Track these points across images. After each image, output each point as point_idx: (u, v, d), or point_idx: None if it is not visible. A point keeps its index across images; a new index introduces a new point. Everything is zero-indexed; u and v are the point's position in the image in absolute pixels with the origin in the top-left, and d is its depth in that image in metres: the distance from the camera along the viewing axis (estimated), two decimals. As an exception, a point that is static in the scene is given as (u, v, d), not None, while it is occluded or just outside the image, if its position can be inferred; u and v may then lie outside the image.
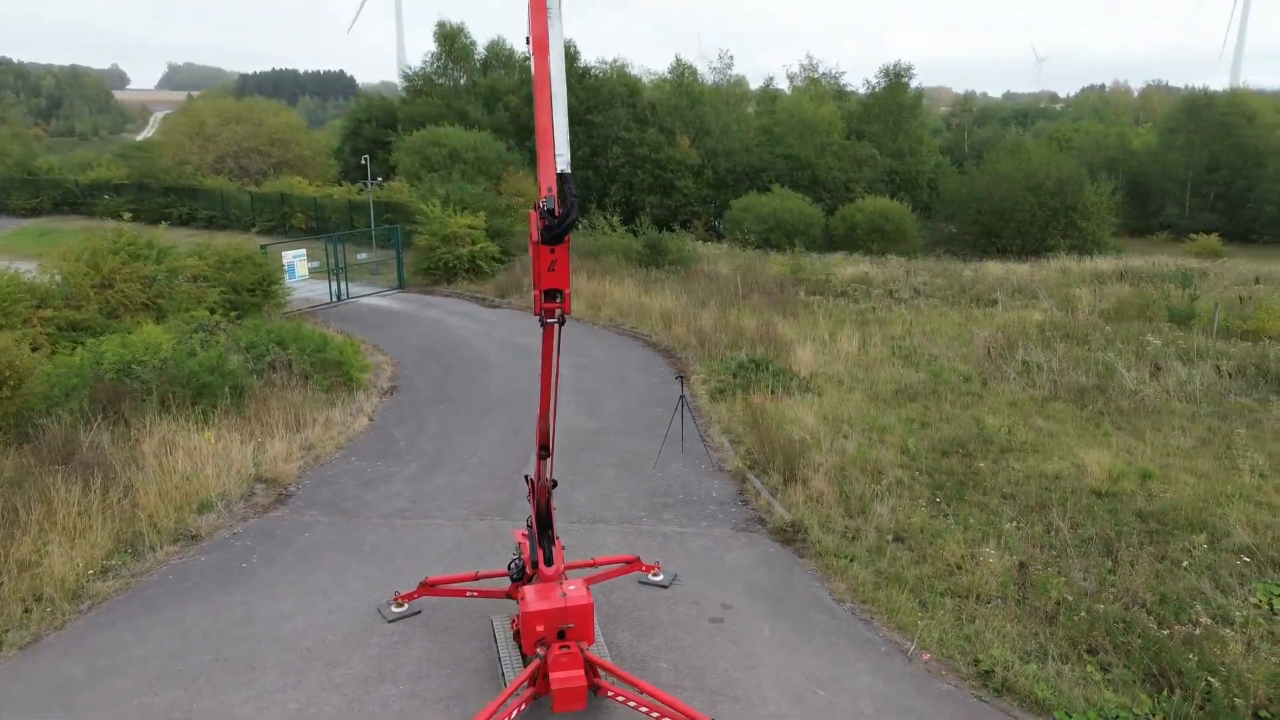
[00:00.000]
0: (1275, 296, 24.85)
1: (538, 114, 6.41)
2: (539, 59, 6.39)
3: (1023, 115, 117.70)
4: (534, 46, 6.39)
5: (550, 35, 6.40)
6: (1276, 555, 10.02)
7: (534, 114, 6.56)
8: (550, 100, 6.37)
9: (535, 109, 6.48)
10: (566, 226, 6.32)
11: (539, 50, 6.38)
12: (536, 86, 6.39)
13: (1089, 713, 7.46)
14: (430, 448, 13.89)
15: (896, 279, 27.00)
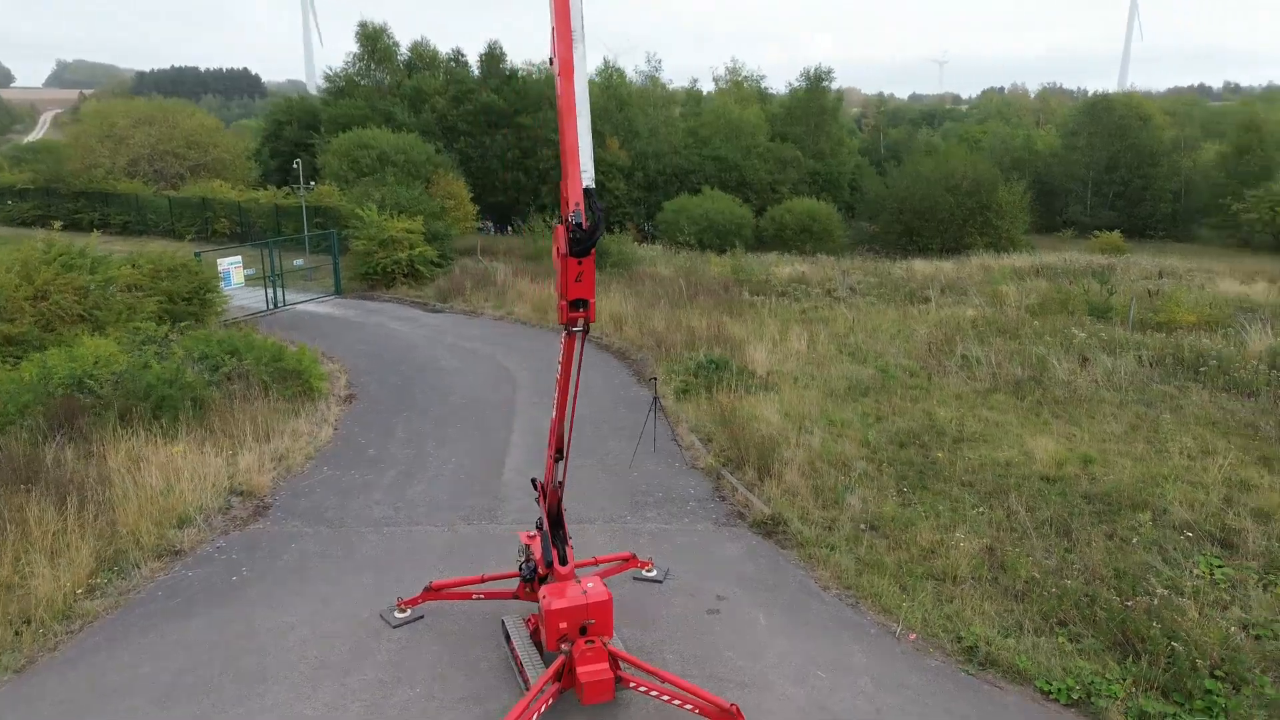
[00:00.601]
0: (1181, 291, 26.61)
1: (564, 133, 6.68)
2: (565, 81, 6.66)
3: (930, 116, 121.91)
4: (560, 69, 6.66)
5: (575, 57, 6.68)
6: (1212, 530, 10.94)
7: (560, 132, 6.83)
8: (575, 120, 6.65)
9: (561, 128, 6.75)
10: (595, 239, 6.63)
11: (565, 73, 6.65)
12: (564, 107, 6.66)
13: (1067, 680, 8.10)
14: (402, 456, 13.92)
15: (833, 278, 27.93)
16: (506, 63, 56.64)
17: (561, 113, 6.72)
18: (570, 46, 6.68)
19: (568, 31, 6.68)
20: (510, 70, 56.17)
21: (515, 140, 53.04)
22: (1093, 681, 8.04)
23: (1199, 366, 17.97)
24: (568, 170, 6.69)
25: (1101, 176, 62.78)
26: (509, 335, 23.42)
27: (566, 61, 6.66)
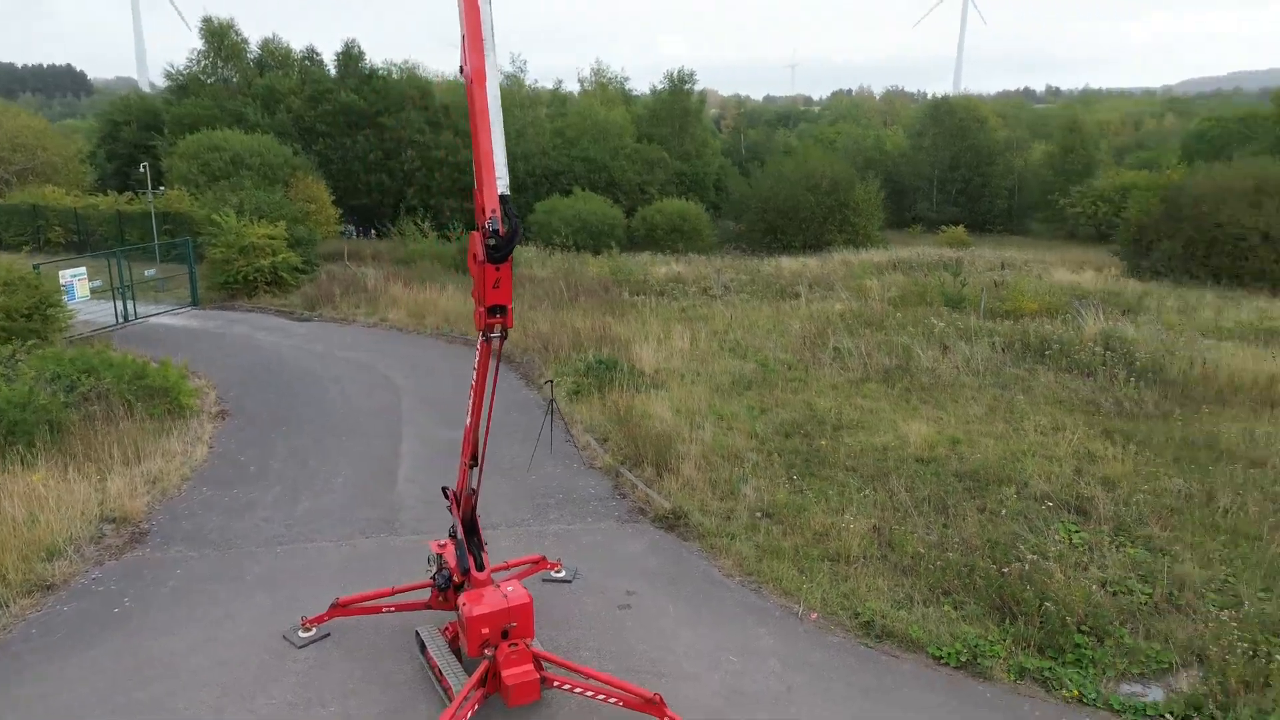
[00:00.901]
0: (1024, 281, 28.75)
1: (478, 141, 6.72)
2: (478, 90, 6.69)
3: (785, 117, 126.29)
4: (474, 77, 6.68)
5: (487, 65, 6.72)
6: (1068, 499, 11.97)
7: (472, 140, 6.85)
8: (489, 128, 6.69)
9: (474, 136, 6.78)
10: (513, 245, 6.70)
11: (478, 80, 6.68)
12: (476, 115, 6.69)
13: (955, 645, 8.73)
14: (286, 472, 13.43)
15: (708, 277, 28.66)
16: (365, 62, 55.03)
17: (475, 121, 6.75)
18: (482, 55, 6.72)
19: (479, 40, 6.72)
20: (369, 70, 54.59)
21: (378, 141, 51.59)
22: (977, 644, 8.70)
23: (1044, 350, 19.49)
24: (483, 178, 6.73)
25: (945, 175, 66.76)
26: (385, 342, 22.87)
27: (479, 70, 6.70)
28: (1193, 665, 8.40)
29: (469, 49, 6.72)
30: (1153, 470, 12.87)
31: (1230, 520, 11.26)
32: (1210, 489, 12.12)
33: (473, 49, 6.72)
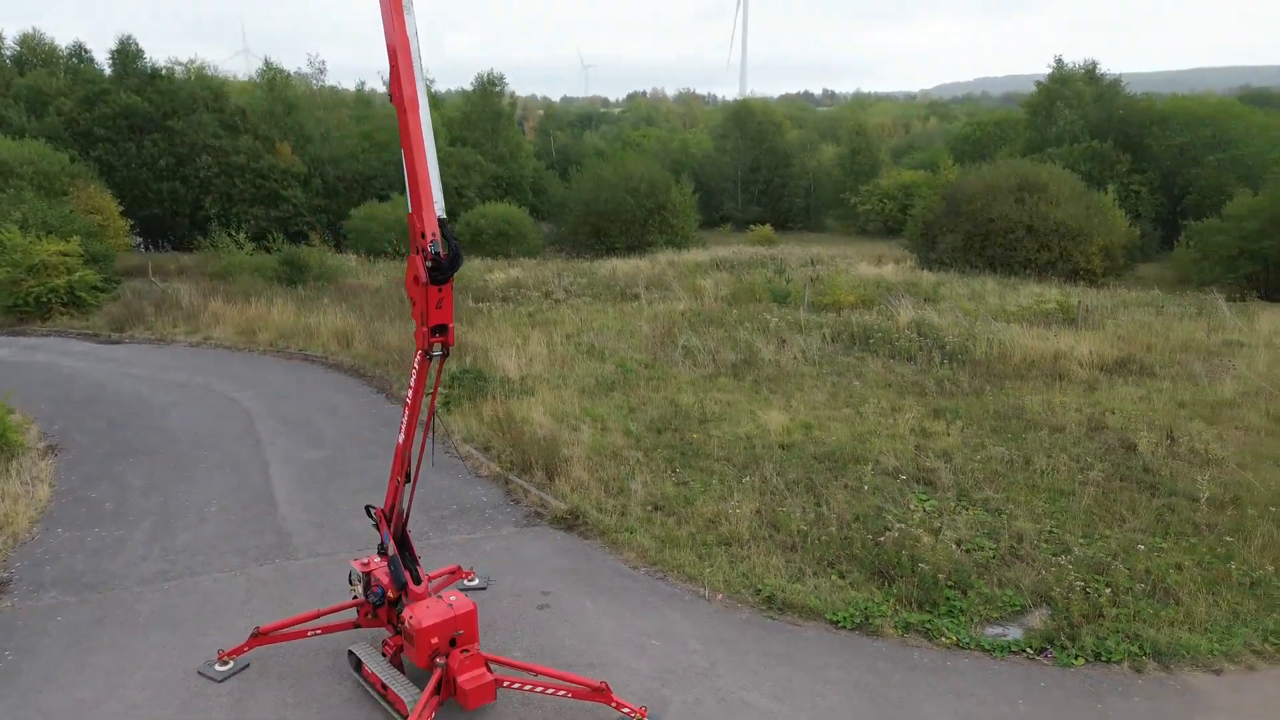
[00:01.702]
0: (838, 277, 31.18)
1: (413, 167, 6.92)
2: (412, 116, 6.88)
3: (587, 119, 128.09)
4: (407, 104, 6.86)
5: (418, 92, 6.92)
6: (914, 472, 13.45)
7: (406, 166, 7.02)
8: (425, 154, 6.90)
9: (408, 162, 6.97)
10: (456, 268, 6.96)
11: (411, 108, 6.87)
12: (411, 142, 6.88)
13: (848, 609, 9.76)
14: (149, 505, 12.68)
15: (547, 280, 29.04)
16: (145, 60, 50.98)
17: (410, 148, 6.94)
18: (414, 83, 6.92)
19: (410, 67, 6.91)
20: (151, 69, 50.61)
21: (167, 146, 47.98)
22: (866, 606, 9.78)
23: (868, 339, 21.45)
24: (420, 202, 6.94)
25: (748, 176, 70.47)
26: (216, 363, 21.66)
27: (412, 98, 6.89)
28: (1041, 606, 9.86)
29: (402, 78, 6.90)
30: (978, 441, 14.67)
31: (1046, 480, 13.10)
32: (1026, 454, 14.01)
33: (406, 77, 6.90)
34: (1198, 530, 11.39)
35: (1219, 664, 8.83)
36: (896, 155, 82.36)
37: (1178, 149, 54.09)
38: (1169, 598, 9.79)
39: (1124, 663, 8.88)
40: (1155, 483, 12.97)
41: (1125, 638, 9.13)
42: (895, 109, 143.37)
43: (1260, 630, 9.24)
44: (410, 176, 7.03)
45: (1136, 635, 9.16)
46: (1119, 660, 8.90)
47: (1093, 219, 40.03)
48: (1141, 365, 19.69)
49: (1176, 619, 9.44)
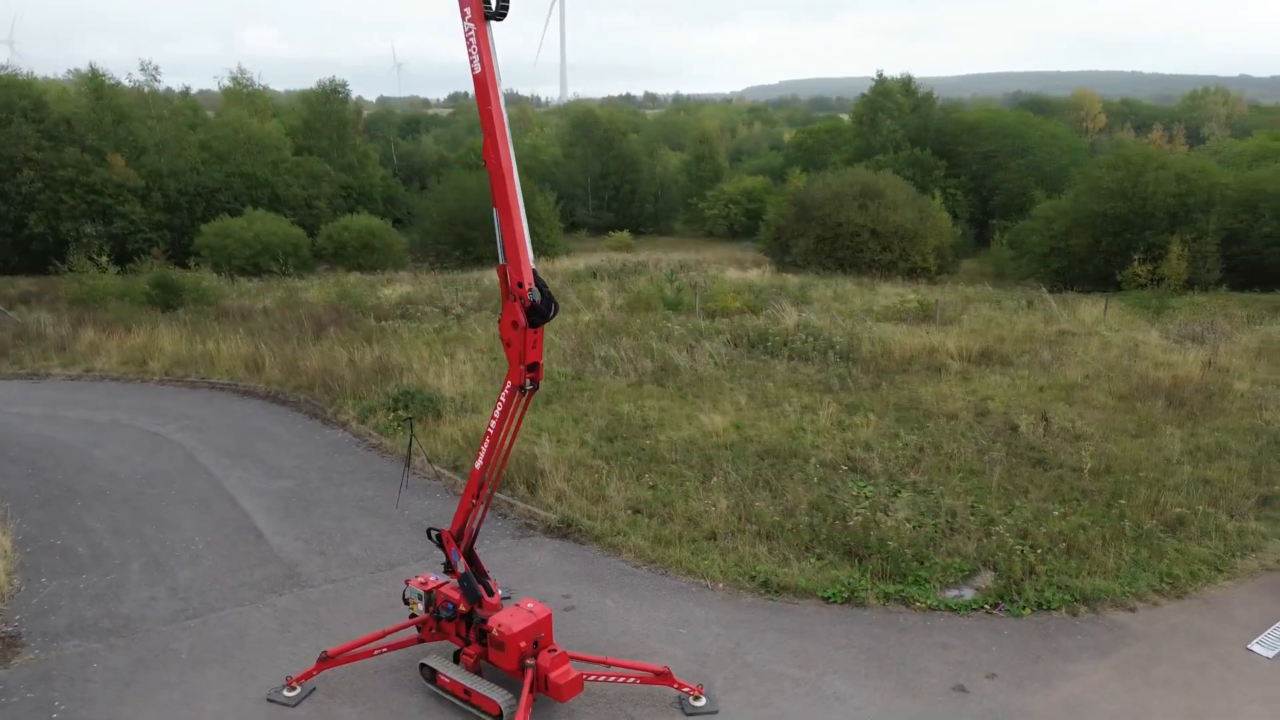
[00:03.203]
0: (715, 284, 33.14)
1: (509, 225, 7.81)
2: (510, 182, 7.77)
3: (414, 122, 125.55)
4: (505, 172, 7.72)
5: (512, 161, 7.79)
6: (847, 462, 15.22)
7: (500, 224, 7.86)
8: (519, 215, 7.79)
9: (503, 220, 7.85)
10: (552, 313, 7.88)
11: (508, 175, 7.75)
12: (508, 203, 7.76)
13: (835, 586, 11.23)
14: (128, 547, 12.52)
15: (441, 295, 29.18)
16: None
17: (507, 208, 7.82)
18: (509, 153, 7.79)
19: (506, 139, 7.78)
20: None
21: (-20, 160, 44.05)
22: (849, 582, 11.32)
23: (765, 343, 23.32)
24: (517, 257, 7.81)
25: (598, 182, 72.10)
26: (111, 396, 20.79)
27: (508, 167, 7.82)
28: (983, 569, 11.75)
29: (499, 149, 7.75)
30: (892, 431, 16.67)
31: (957, 462, 15.18)
32: (935, 441, 16.11)
33: (502, 150, 7.77)
34: (1088, 496, 13.71)
35: (1131, 603, 10.97)
36: (731, 159, 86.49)
37: (985, 155, 60.24)
38: (1082, 554, 11.91)
39: (1061, 609, 10.85)
40: (1043, 458, 15.33)
41: (1058, 589, 11.12)
42: (720, 113, 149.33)
43: (1156, 573, 11.48)
44: (507, 234, 7.88)
45: (1065, 586, 11.18)
46: (1057, 608, 10.87)
47: (925, 221, 44.27)
48: (1000, 356, 22.56)
49: (1092, 570, 11.54)
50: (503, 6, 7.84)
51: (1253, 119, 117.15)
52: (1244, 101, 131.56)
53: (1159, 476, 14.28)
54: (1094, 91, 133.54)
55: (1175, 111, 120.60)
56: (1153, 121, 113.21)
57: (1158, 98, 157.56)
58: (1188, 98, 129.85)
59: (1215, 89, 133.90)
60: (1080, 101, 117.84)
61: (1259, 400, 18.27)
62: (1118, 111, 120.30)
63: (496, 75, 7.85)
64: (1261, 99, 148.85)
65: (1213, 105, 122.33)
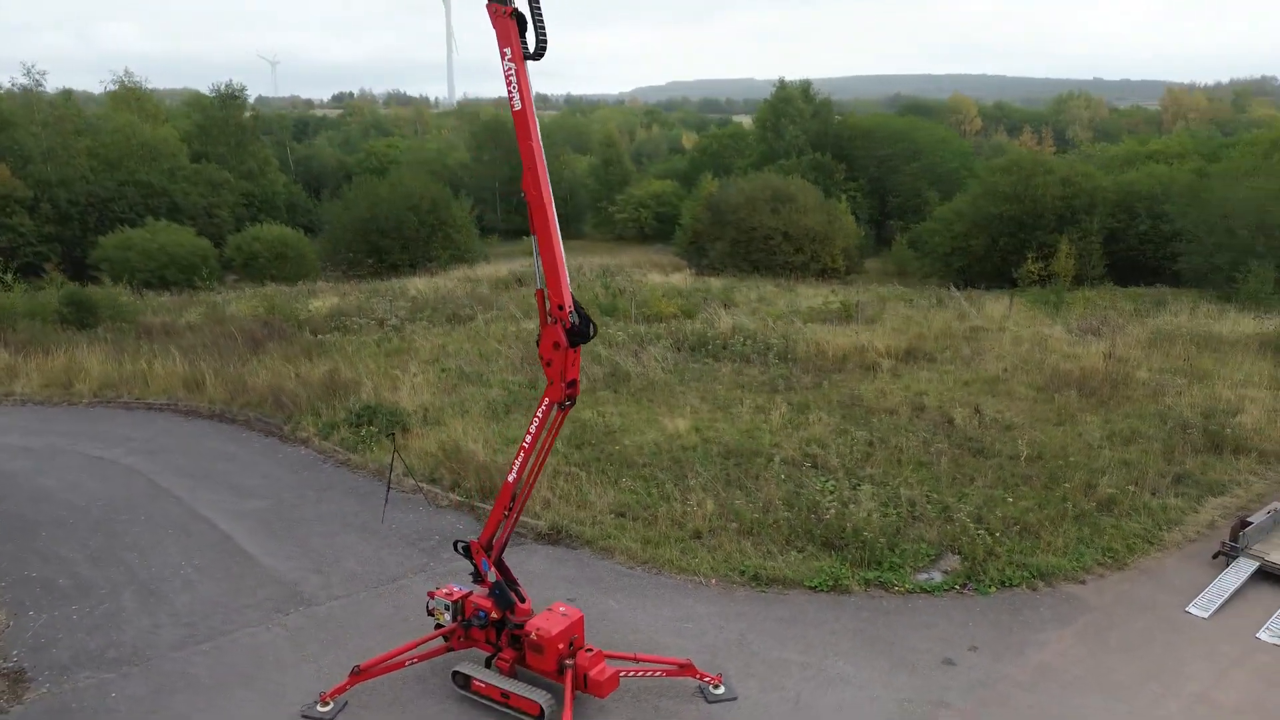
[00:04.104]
0: (643, 289, 33.85)
1: (550, 252, 8.33)
2: (549, 213, 8.29)
3: (304, 125, 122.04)
4: (546, 203, 8.22)
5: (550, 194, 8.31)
6: (806, 459, 16.13)
7: (540, 251, 8.35)
8: (558, 243, 8.30)
9: (543, 247, 8.34)
10: (591, 334, 8.40)
11: (548, 205, 8.26)
12: (549, 232, 8.28)
13: (819, 576, 12.10)
14: (113, 575, 12.31)
15: (373, 307, 28.86)
16: None
17: (547, 237, 8.34)
18: (548, 186, 8.30)
19: (545, 173, 8.27)
20: None
21: None
22: (831, 571, 12.18)
23: (705, 346, 24.15)
24: (558, 282, 8.31)
25: (506, 187, 71.82)
26: (43, 421, 20.01)
27: (548, 198, 8.34)
28: (949, 553, 12.80)
29: (541, 181, 8.26)
30: (841, 428, 17.70)
31: (907, 455, 16.31)
32: (882, 435, 17.21)
33: (543, 182, 8.27)
34: (1028, 481, 14.99)
35: (1081, 577, 12.20)
36: (634, 161, 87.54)
37: (881, 160, 63.01)
38: (1033, 534, 13.11)
39: (1022, 586, 11.99)
40: (982, 448, 16.62)
41: (1017, 568, 12.26)
42: (616, 115, 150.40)
43: (1098, 549, 12.78)
44: (546, 261, 8.37)
45: (1023, 564, 12.33)
46: (1018, 584, 12.00)
47: (833, 224, 46.17)
48: (924, 353, 24.04)
49: (1043, 549, 12.74)
50: (540, 49, 8.32)
51: (1112, 121, 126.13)
52: (1104, 105, 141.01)
53: (1085, 460, 15.72)
54: (966, 95, 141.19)
55: (1044, 115, 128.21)
56: (1023, 124, 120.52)
57: (1023, 100, 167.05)
58: (1054, 102, 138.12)
59: (1079, 93, 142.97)
60: (957, 105, 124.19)
61: (1158, 387, 20.14)
62: (991, 115, 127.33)
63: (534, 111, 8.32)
64: (1113, 101, 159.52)
65: (1076, 109, 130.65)
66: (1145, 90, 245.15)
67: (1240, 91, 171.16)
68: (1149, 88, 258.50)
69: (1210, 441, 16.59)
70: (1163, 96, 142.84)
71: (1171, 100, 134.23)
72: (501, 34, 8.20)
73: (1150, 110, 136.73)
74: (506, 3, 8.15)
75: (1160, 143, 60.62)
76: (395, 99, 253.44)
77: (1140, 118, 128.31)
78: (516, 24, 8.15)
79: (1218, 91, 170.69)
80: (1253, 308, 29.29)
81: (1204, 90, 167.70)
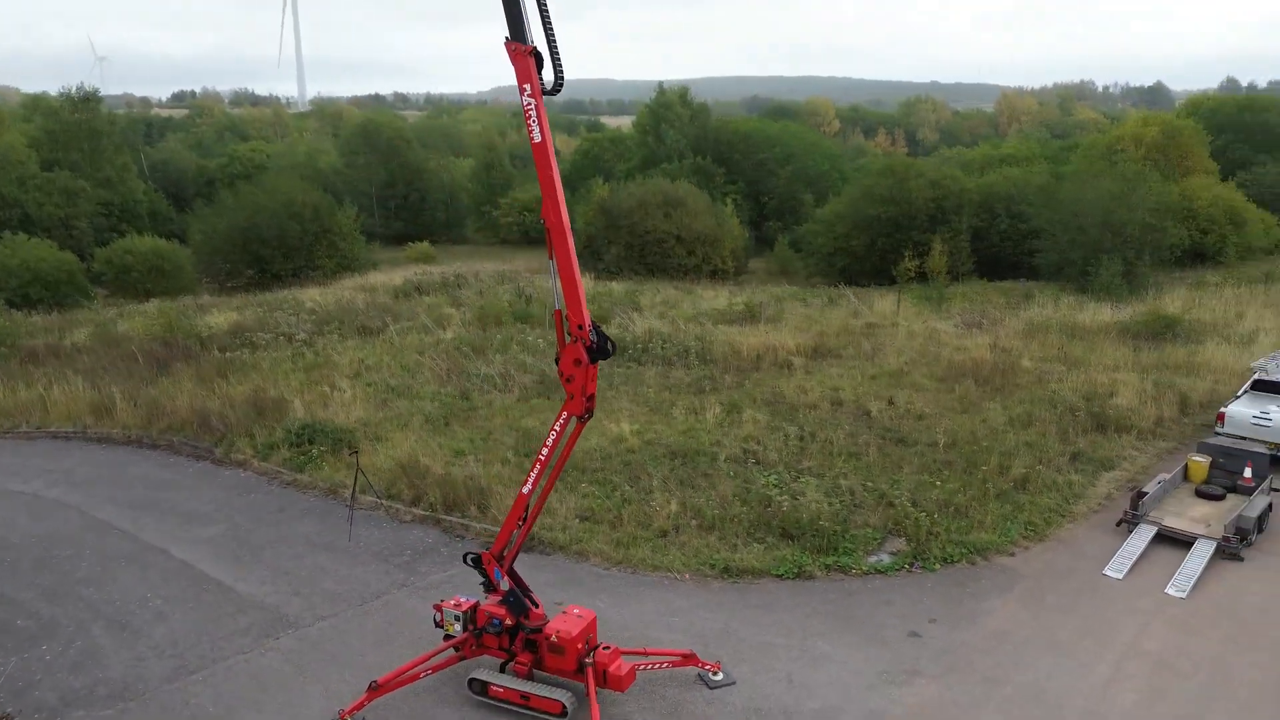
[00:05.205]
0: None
1: (569, 275, 8.79)
2: (568, 238, 8.77)
3: (147, 125, 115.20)
4: (564, 228, 8.70)
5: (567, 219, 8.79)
6: (746, 455, 17.05)
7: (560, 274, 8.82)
8: (575, 267, 8.78)
9: (562, 271, 8.80)
10: (610, 350, 8.93)
11: (567, 232, 8.74)
12: (569, 257, 8.73)
13: (784, 564, 13.01)
14: (76, 612, 11.90)
15: (276, 321, 27.94)
16: None
17: (567, 262, 8.80)
18: (565, 213, 8.75)
19: (562, 200, 8.72)
20: None
21: None
22: (795, 560, 13.11)
23: (626, 350, 24.80)
24: (578, 303, 8.80)
25: (384, 191, 70.26)
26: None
27: (566, 225, 8.76)
28: (893, 536, 13.97)
29: (559, 209, 8.72)
30: (773, 424, 18.75)
31: (837, 447, 17.47)
32: (810, 429, 18.35)
33: (559, 208, 8.73)
34: (949, 466, 16.42)
35: (1011, 549, 13.60)
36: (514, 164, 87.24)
37: (758, 163, 65.33)
38: (963, 514, 14.45)
39: (962, 561, 13.27)
40: (903, 438, 18.01)
41: (956, 545, 13.54)
42: (484, 116, 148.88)
43: (1021, 524, 14.24)
44: (567, 284, 8.85)
45: (960, 542, 13.62)
46: (959, 560, 13.27)
47: (722, 226, 47.71)
48: (830, 350, 25.52)
49: (975, 527, 14.10)
50: (558, 85, 8.78)
51: (956, 123, 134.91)
52: (948, 108, 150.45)
53: (995, 444, 17.30)
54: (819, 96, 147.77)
55: (895, 117, 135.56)
56: (877, 126, 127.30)
57: (870, 102, 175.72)
58: (903, 105, 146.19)
59: (925, 98, 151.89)
60: (816, 108, 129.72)
61: (1042, 375, 22.22)
62: (848, 117, 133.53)
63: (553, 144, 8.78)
64: (951, 103, 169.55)
65: (924, 112, 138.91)
66: (979, 93, 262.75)
67: (1064, 95, 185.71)
68: (982, 90, 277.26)
69: (1096, 422, 18.57)
70: (998, 100, 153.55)
71: (1006, 104, 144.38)
72: (521, 71, 8.61)
73: (987, 113, 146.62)
74: (526, 41, 8.56)
75: (1011, 147, 65.48)
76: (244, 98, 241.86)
77: (980, 120, 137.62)
78: (535, 61, 8.58)
79: (1043, 95, 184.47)
80: (1106, 299, 32.40)
81: (1033, 94, 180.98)
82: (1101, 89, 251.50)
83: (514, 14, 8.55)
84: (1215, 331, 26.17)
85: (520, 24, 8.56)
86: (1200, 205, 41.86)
